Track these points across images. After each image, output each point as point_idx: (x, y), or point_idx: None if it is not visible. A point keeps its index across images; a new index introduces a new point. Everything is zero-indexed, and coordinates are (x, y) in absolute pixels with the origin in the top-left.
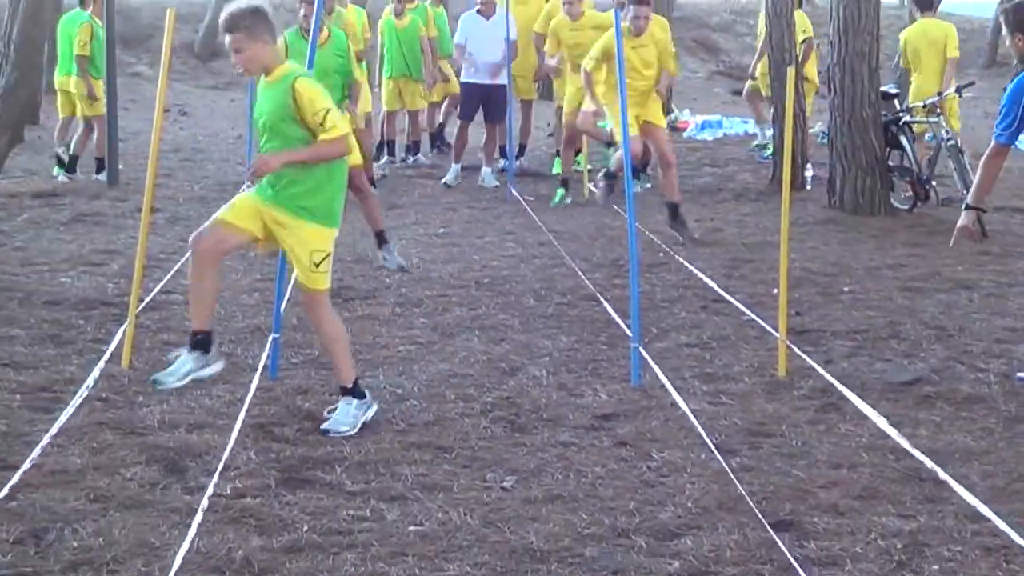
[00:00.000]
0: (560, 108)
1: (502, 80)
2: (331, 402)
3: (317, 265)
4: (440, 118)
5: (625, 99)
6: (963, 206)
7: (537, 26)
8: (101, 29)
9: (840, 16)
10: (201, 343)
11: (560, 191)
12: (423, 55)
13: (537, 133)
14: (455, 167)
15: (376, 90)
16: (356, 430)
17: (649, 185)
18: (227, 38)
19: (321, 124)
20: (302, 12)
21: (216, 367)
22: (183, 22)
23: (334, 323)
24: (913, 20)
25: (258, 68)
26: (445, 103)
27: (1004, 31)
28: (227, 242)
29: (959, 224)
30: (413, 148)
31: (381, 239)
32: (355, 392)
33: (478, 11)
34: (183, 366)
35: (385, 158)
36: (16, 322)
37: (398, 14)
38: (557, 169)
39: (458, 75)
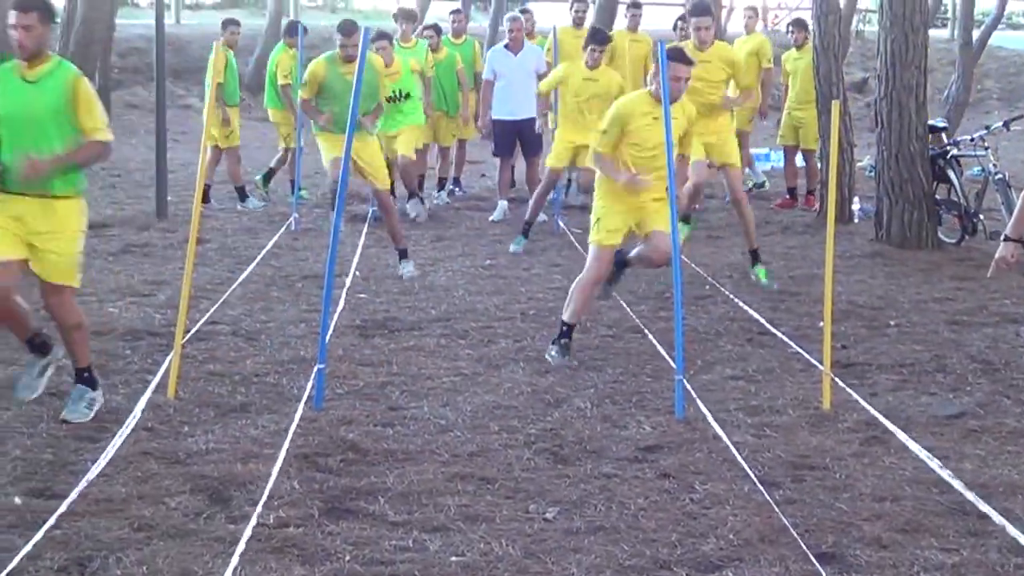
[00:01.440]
0: None
1: (533, 114)
2: (376, 433)
3: None
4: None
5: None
6: (1002, 237)
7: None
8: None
9: (888, 50)
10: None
11: None
12: (461, 90)
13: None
14: (502, 203)
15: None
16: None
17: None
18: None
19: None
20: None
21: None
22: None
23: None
24: None
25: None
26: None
27: None
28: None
29: (997, 256)
30: (451, 182)
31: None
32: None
33: (506, 46)
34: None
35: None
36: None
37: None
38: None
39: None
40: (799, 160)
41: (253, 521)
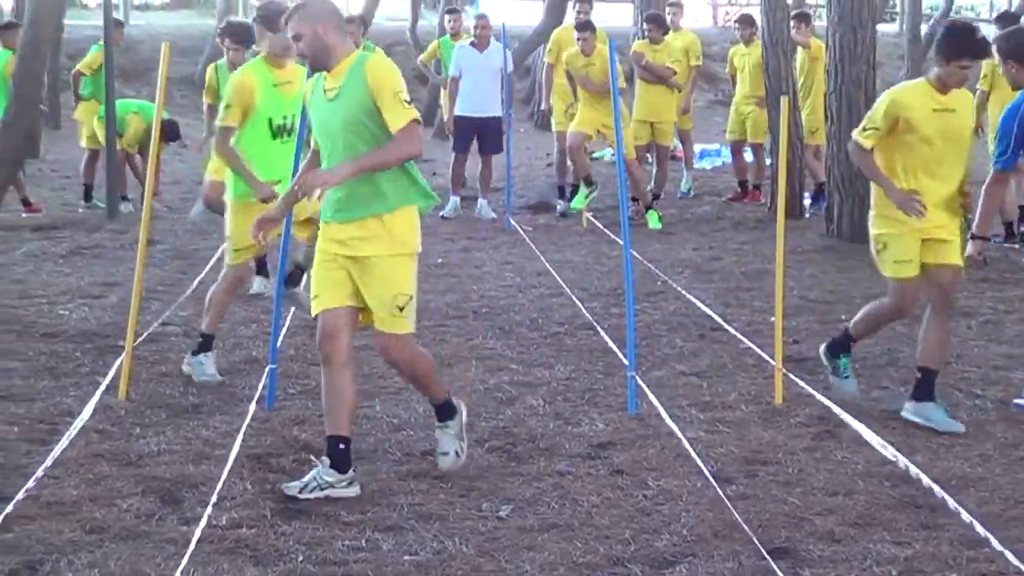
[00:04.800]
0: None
1: (496, 112)
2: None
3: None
4: None
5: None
6: (968, 235)
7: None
8: None
9: (837, 44)
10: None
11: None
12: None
13: (537, 163)
14: (453, 199)
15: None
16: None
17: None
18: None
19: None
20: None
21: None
22: (182, 55)
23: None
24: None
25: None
26: None
27: (996, 58)
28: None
29: (966, 253)
30: None
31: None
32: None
33: (472, 43)
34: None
35: None
36: (13, 354)
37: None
38: (578, 204)
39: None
40: (747, 155)
41: (205, 522)
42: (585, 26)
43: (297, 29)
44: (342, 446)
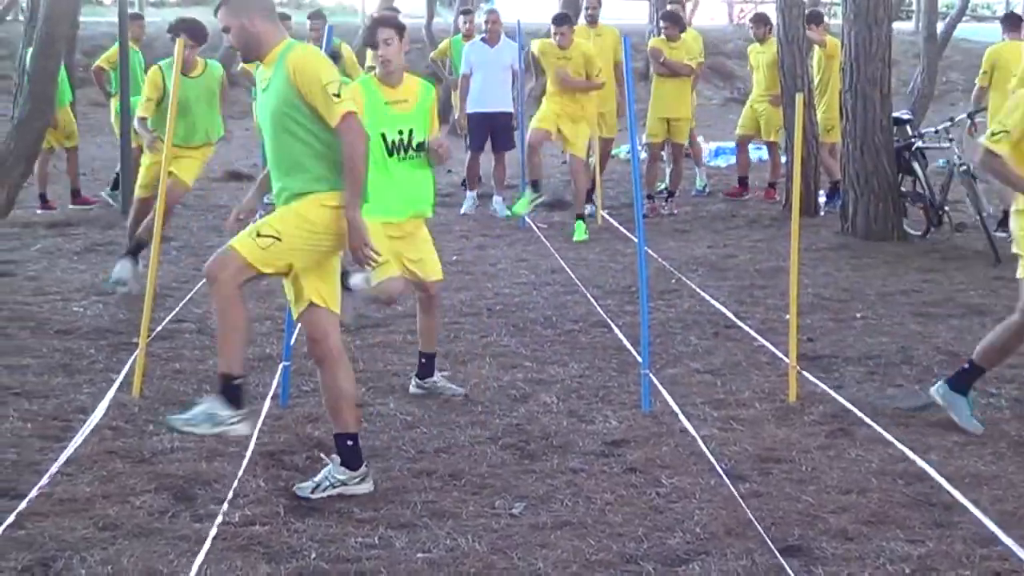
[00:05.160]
0: None
1: (507, 107)
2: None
3: None
4: None
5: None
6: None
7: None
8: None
9: (852, 42)
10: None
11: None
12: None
13: (551, 160)
14: (471, 196)
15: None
16: None
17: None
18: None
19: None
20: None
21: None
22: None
23: None
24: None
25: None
26: None
27: None
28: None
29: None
30: None
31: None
32: None
33: (482, 39)
34: None
35: None
36: (28, 351)
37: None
38: (520, 209)
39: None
40: (763, 153)
41: (218, 519)
42: (563, 20)
43: (225, 21)
44: (350, 442)
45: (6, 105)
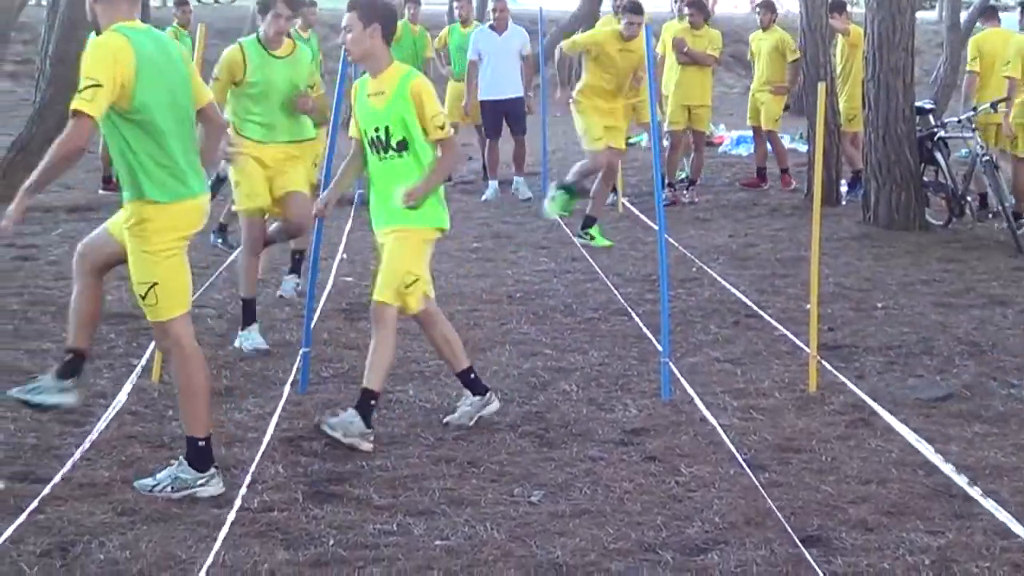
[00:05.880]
0: None
1: (518, 93)
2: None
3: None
4: None
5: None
6: None
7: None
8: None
9: (875, 31)
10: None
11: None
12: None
13: (573, 148)
14: (493, 183)
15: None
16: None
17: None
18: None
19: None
20: None
21: None
22: (219, 36)
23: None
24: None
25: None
26: None
27: None
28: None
29: None
30: None
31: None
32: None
33: (491, 26)
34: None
35: None
36: (48, 335)
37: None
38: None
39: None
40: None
41: (237, 505)
42: (637, 8)
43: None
44: (201, 443)
45: (28, 89)
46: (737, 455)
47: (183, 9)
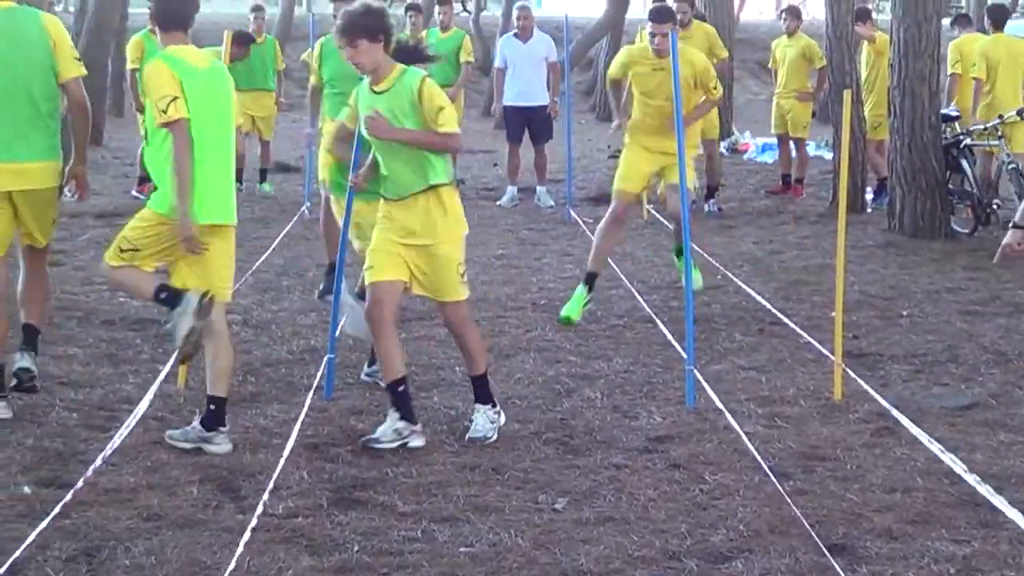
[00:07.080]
0: None
1: (543, 100)
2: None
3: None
4: None
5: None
6: (1011, 224)
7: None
8: None
9: (900, 39)
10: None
11: None
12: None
13: (598, 155)
14: (511, 189)
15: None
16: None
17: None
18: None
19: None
20: None
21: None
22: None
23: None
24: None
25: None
26: None
27: None
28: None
29: (1004, 241)
30: None
31: None
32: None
33: (515, 34)
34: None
35: None
36: (74, 341)
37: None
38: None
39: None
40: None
41: (261, 511)
42: (666, 16)
43: None
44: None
45: None
46: (762, 463)
47: (260, 15)
